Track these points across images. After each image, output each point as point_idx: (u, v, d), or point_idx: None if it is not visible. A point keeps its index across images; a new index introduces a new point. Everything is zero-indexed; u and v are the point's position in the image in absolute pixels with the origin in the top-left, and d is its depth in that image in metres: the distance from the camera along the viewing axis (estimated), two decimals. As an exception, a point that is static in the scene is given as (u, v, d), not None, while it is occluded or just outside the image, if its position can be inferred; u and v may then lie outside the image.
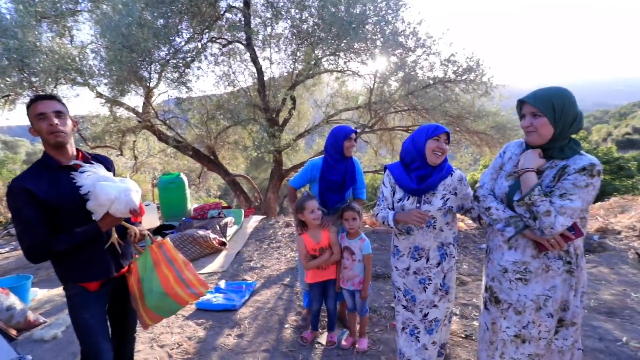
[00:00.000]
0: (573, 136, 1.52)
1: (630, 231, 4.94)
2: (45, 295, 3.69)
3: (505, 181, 1.62)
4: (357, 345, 2.48)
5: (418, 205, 1.86)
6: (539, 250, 1.52)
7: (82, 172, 1.53)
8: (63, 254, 1.49)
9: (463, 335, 2.64)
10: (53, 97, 1.52)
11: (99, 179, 1.52)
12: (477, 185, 1.74)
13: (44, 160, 1.54)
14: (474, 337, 2.59)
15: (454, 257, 1.95)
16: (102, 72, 5.95)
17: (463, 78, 6.40)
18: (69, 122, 1.55)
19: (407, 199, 1.88)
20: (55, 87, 5.86)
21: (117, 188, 1.52)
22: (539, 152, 1.51)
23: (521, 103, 1.53)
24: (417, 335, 1.94)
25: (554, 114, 1.43)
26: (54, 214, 1.48)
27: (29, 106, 1.51)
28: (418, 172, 1.86)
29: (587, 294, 1.61)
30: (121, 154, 8.26)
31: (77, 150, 1.64)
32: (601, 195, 10.28)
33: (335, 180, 2.57)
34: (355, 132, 2.56)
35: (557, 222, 1.39)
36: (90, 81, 5.84)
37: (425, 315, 1.92)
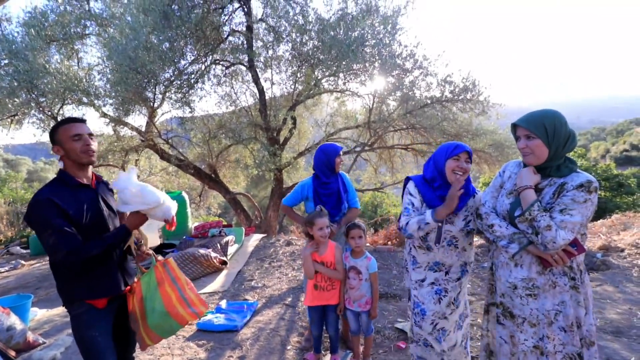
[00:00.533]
0: (569, 155, 1.59)
1: (633, 249, 4.91)
2: (45, 315, 3.64)
3: (506, 199, 1.67)
4: (361, 367, 2.43)
5: (440, 224, 1.86)
6: (544, 267, 1.55)
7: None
8: (92, 260, 1.51)
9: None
10: (84, 121, 1.61)
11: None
12: (479, 203, 1.79)
13: (61, 178, 1.57)
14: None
15: (468, 272, 1.99)
16: (108, 93, 6.09)
17: (460, 97, 6.55)
18: (96, 143, 1.66)
19: None
20: (61, 107, 5.98)
21: (166, 197, 1.66)
22: (532, 170, 1.57)
23: (515, 126, 1.60)
24: (431, 344, 1.95)
25: (546, 135, 1.50)
26: (75, 228, 1.51)
27: (57, 127, 1.57)
28: (440, 191, 1.85)
29: (593, 313, 1.62)
30: (123, 173, 8.31)
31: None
32: (603, 213, 10.24)
33: (330, 195, 2.67)
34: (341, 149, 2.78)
35: (559, 236, 1.44)
36: (96, 101, 5.96)
37: (435, 325, 1.93)
